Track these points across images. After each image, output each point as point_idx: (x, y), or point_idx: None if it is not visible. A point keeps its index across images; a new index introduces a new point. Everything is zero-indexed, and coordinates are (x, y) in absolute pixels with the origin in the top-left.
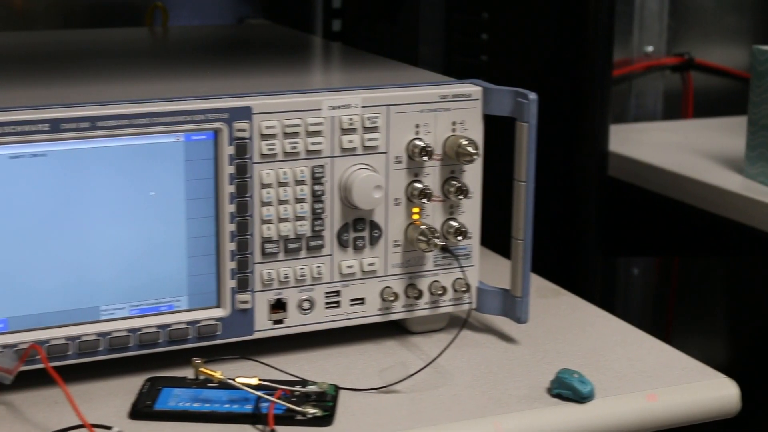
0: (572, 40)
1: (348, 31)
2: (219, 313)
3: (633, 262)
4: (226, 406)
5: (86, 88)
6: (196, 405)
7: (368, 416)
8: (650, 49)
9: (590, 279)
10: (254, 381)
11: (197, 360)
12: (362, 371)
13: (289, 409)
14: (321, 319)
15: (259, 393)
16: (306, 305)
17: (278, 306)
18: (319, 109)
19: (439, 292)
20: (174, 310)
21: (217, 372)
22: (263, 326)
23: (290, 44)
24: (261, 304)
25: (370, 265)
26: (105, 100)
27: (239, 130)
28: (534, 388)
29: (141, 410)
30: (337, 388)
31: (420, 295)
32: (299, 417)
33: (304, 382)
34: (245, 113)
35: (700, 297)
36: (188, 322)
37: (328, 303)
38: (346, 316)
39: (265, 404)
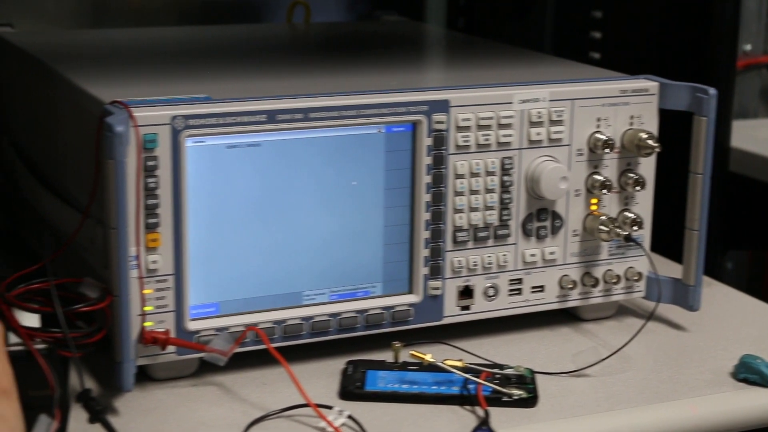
0: (696, 35)
1: (473, 28)
2: (412, 299)
3: (728, 255)
4: (434, 387)
5: (290, 81)
6: (404, 386)
7: (567, 398)
8: (748, 47)
9: (715, 272)
10: (460, 364)
11: (398, 344)
12: (546, 356)
13: (495, 391)
14: (504, 305)
15: (467, 375)
16: (491, 292)
17: (466, 293)
18: (510, 103)
19: (613, 281)
20: (370, 295)
21: (427, 355)
22: (452, 312)
23: (443, 40)
24: (450, 290)
25: (551, 253)
26: (316, 93)
27: (437, 122)
28: (717, 373)
29: (352, 391)
30: (533, 372)
31: (596, 283)
32: (505, 398)
33: (500, 366)
34: (443, 106)
35: None
36: (383, 308)
37: (511, 290)
38: (527, 303)
39: (472, 386)
